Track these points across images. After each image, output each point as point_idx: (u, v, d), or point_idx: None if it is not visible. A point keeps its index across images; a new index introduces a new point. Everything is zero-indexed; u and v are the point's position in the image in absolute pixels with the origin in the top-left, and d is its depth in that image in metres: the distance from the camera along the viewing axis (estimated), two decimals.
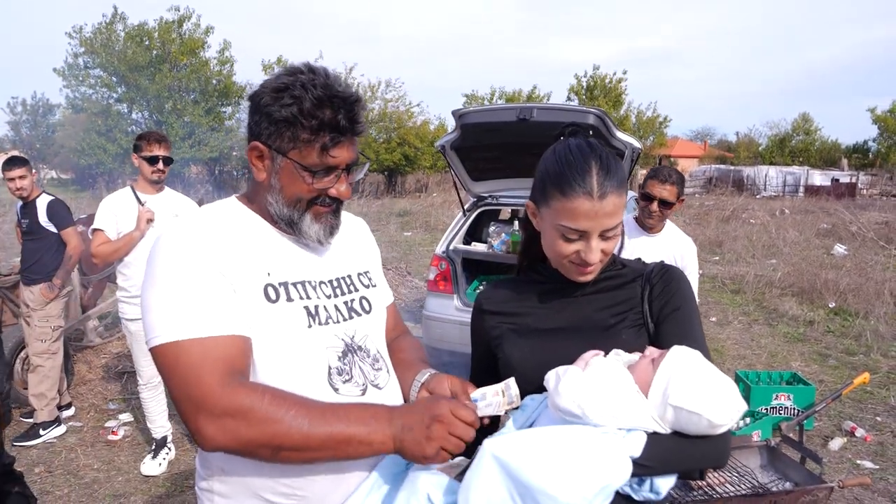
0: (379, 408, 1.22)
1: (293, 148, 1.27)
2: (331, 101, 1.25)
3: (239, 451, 1.17)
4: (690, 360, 1.21)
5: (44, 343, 4.68)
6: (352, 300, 1.42)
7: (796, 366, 6.18)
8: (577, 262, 1.32)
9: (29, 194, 4.61)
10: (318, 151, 1.26)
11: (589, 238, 1.29)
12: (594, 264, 1.32)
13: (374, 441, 1.17)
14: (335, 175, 1.31)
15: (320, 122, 1.24)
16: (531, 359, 1.37)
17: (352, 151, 1.32)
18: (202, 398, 1.14)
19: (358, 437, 1.17)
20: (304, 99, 1.23)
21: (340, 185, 1.33)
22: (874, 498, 3.80)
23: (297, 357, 1.28)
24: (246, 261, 1.27)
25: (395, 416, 1.19)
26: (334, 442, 1.16)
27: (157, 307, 1.20)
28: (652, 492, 1.23)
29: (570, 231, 1.29)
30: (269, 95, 1.26)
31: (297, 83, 1.24)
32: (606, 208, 1.27)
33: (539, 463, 1.12)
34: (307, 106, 1.23)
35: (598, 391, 1.19)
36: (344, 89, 1.28)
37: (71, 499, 3.89)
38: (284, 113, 1.24)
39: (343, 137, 1.28)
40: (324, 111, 1.24)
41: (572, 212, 1.27)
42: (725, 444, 1.21)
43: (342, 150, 1.29)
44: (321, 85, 1.25)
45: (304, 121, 1.24)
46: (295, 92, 1.24)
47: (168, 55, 30.63)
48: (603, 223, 1.28)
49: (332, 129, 1.25)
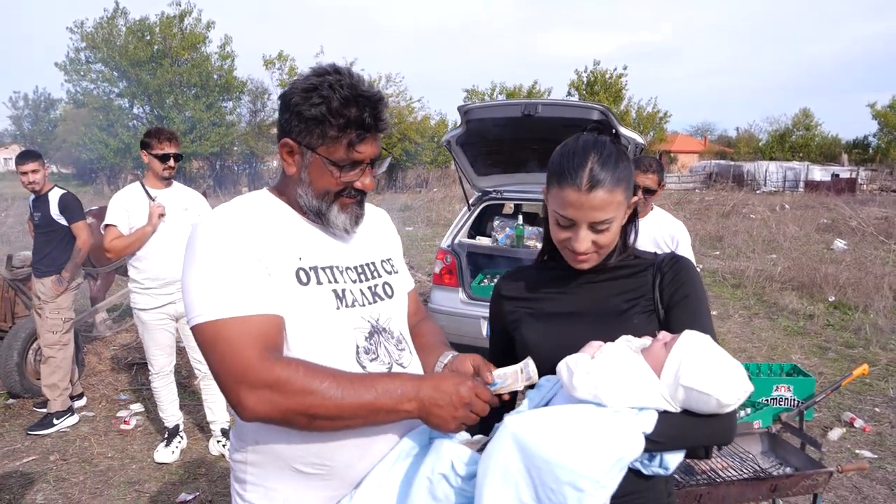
0: (406, 378, 1.30)
1: (322, 144, 1.35)
2: (356, 100, 1.33)
3: (277, 421, 1.25)
4: (701, 343, 1.28)
5: (55, 334, 4.76)
6: (375, 285, 1.50)
7: (796, 358, 6.26)
8: (570, 249, 1.41)
9: (41, 188, 4.68)
10: (345, 147, 1.35)
11: (577, 228, 1.38)
12: (582, 253, 1.40)
13: (401, 410, 1.26)
14: (360, 169, 1.40)
15: (347, 120, 1.32)
16: (547, 341, 1.45)
17: (375, 147, 1.40)
18: (242, 371, 1.22)
19: (387, 406, 1.25)
20: (332, 98, 1.31)
21: (365, 178, 1.41)
22: (873, 486, 3.89)
23: (328, 337, 1.36)
24: (279, 246, 1.35)
25: (422, 388, 1.28)
26: (365, 410, 1.24)
27: (199, 288, 1.28)
28: (661, 467, 1.31)
29: (561, 218, 1.39)
30: (299, 95, 1.34)
31: (325, 84, 1.32)
32: (593, 202, 1.35)
33: (557, 439, 1.19)
34: (335, 105, 1.31)
35: (611, 375, 1.27)
36: (368, 89, 1.36)
37: (87, 486, 3.97)
38: (314, 112, 1.32)
39: (368, 134, 1.36)
40: (350, 110, 1.32)
41: (562, 200, 1.37)
42: (732, 423, 1.29)
43: (367, 145, 1.37)
44: (347, 85, 1.33)
45: (332, 119, 1.32)
46: (323, 92, 1.32)
47: (169, 50, 30.67)
48: (589, 215, 1.36)
49: (358, 127, 1.34)
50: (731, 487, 2.49)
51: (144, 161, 4.09)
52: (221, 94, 32.54)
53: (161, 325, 4.15)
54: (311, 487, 1.37)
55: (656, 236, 3.55)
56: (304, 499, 1.38)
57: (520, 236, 5.93)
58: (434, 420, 1.28)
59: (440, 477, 1.29)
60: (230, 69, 32.73)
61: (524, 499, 1.19)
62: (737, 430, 1.34)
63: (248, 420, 1.26)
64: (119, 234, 4.02)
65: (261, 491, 1.40)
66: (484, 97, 40.01)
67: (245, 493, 1.42)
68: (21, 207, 20.17)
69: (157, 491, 3.91)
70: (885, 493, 3.80)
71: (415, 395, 1.27)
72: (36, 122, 41.66)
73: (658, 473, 1.33)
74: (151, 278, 4.07)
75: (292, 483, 1.38)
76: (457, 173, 5.87)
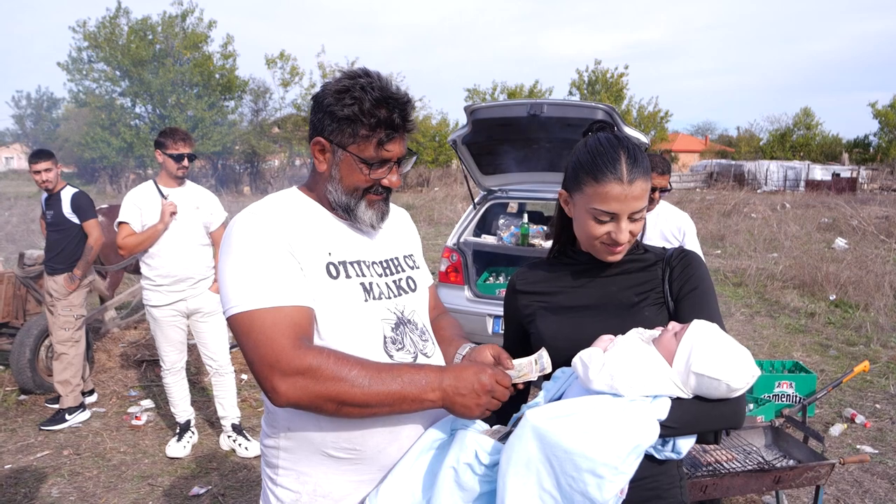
0: (430, 369, 1.36)
1: (353, 142, 1.42)
2: (387, 101, 1.40)
3: (307, 406, 1.31)
4: (710, 331, 1.35)
5: (67, 331, 4.83)
6: (399, 279, 1.56)
7: (798, 356, 6.32)
8: (607, 243, 1.47)
9: (54, 186, 4.74)
10: (375, 146, 1.42)
11: (619, 220, 1.44)
12: (623, 244, 1.46)
13: (425, 399, 1.32)
14: (388, 167, 1.47)
15: (378, 120, 1.39)
16: (562, 334, 1.51)
17: (402, 146, 1.47)
18: (276, 359, 1.29)
19: (412, 395, 1.31)
20: (364, 100, 1.38)
21: (392, 176, 1.48)
22: (874, 480, 3.95)
23: (357, 327, 1.43)
24: (310, 242, 1.42)
25: (445, 377, 1.34)
26: (391, 398, 1.30)
27: (234, 281, 1.35)
28: (674, 451, 1.38)
29: (602, 214, 1.44)
30: (331, 96, 1.41)
31: (356, 86, 1.39)
32: (635, 192, 1.42)
33: (575, 429, 1.25)
34: (367, 106, 1.38)
35: (625, 366, 1.33)
36: (397, 91, 1.43)
37: (101, 480, 4.04)
38: (346, 112, 1.39)
39: (396, 134, 1.43)
40: (381, 111, 1.39)
41: (604, 195, 1.42)
42: (741, 406, 1.36)
43: (395, 144, 1.44)
44: (378, 87, 1.40)
45: (364, 119, 1.39)
46: (355, 93, 1.39)
47: (171, 49, 30.72)
48: (631, 206, 1.43)
49: (387, 127, 1.41)
50: (735, 479, 2.56)
51: (159, 160, 4.16)
52: (223, 93, 32.58)
53: (173, 321, 4.21)
54: (342, 472, 1.44)
55: (663, 229, 3.70)
56: (334, 482, 1.44)
57: (525, 235, 5.99)
58: (458, 408, 1.34)
59: (465, 466, 1.35)
60: (232, 68, 32.77)
61: (546, 486, 1.25)
62: (745, 413, 1.40)
63: (281, 405, 1.32)
64: (132, 232, 4.08)
65: (292, 475, 1.46)
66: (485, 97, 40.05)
67: (277, 478, 1.48)
68: (24, 206, 20.28)
69: (169, 485, 3.98)
70: (886, 487, 3.86)
71: (438, 385, 1.33)
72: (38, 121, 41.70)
73: (671, 458, 1.40)
74: (163, 275, 4.13)
75: (323, 467, 1.44)
76: (462, 172, 5.93)
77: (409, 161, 1.53)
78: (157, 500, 3.81)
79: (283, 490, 1.48)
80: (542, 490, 1.25)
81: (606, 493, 1.21)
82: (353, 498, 1.45)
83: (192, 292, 4.19)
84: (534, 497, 1.25)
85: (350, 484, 1.45)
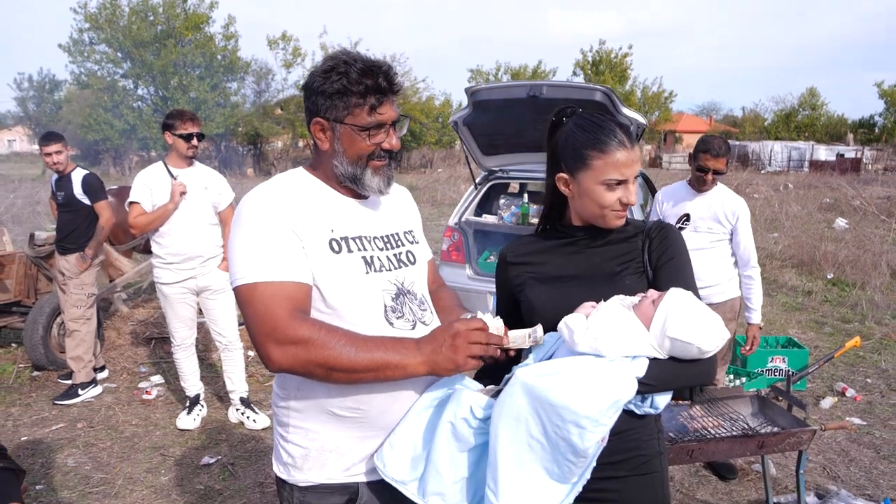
0: (409, 340, 1.48)
1: (347, 114, 1.53)
2: (370, 69, 1.52)
3: (298, 372, 1.45)
4: (684, 299, 1.47)
5: (79, 309, 4.97)
6: (400, 253, 1.68)
7: (793, 333, 6.44)
8: (617, 209, 1.60)
9: (64, 168, 4.86)
10: (368, 111, 1.53)
11: (627, 183, 1.58)
12: (632, 204, 1.60)
13: (407, 365, 1.43)
14: (385, 131, 1.57)
15: (366, 87, 1.51)
16: (550, 302, 1.63)
17: (394, 110, 1.58)
18: (272, 328, 1.41)
19: (394, 363, 1.43)
20: (350, 72, 1.50)
21: (391, 139, 1.59)
22: (860, 450, 4.09)
23: (359, 297, 1.55)
24: (314, 219, 1.54)
25: (421, 344, 1.45)
26: (375, 365, 1.42)
27: (241, 255, 1.48)
28: (651, 407, 1.51)
29: (613, 182, 1.56)
30: (319, 77, 1.53)
31: (340, 62, 1.51)
32: (636, 155, 1.58)
33: (562, 385, 1.38)
34: (353, 76, 1.50)
35: (607, 329, 1.45)
36: (378, 59, 1.55)
37: (114, 450, 4.20)
38: (336, 86, 1.51)
39: (385, 98, 1.54)
40: (367, 79, 1.51)
41: (613, 164, 1.56)
42: (712, 366, 1.48)
43: (387, 107, 1.55)
44: (360, 59, 1.52)
45: (353, 88, 1.50)
46: (340, 69, 1.51)
47: (173, 30, 30.64)
48: (635, 169, 1.59)
49: (376, 91, 1.52)
50: (720, 444, 2.69)
51: (168, 142, 4.26)
52: (226, 74, 32.55)
53: (182, 298, 4.34)
54: (347, 430, 1.57)
55: (717, 211, 3.70)
56: (340, 439, 1.57)
57: (525, 214, 6.10)
58: (442, 364, 1.42)
59: (462, 421, 1.47)
60: (234, 49, 32.72)
61: (534, 434, 1.39)
62: (716, 372, 1.53)
63: (274, 371, 1.46)
64: (142, 211, 4.20)
65: (301, 433, 1.59)
66: (489, 77, 39.92)
67: (287, 435, 1.62)
68: (28, 188, 20.39)
69: (180, 455, 4.14)
70: (871, 456, 4.00)
71: (418, 351, 1.43)
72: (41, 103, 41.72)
73: (649, 413, 1.53)
74: (173, 254, 4.26)
75: (329, 426, 1.57)
76: (463, 153, 6.02)
77: (404, 124, 1.64)
78: (169, 469, 3.97)
79: (293, 446, 1.61)
80: (531, 438, 1.38)
81: (587, 441, 1.34)
82: (356, 453, 1.58)
83: (202, 270, 4.32)
84: (523, 444, 1.39)
85: (354, 440, 1.57)
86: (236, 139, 34.29)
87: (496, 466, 1.40)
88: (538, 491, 1.40)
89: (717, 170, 3.63)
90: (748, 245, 3.73)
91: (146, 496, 3.66)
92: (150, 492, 3.71)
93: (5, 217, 14.02)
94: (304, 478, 1.59)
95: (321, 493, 1.59)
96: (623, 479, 1.55)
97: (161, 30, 30.63)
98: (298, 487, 1.61)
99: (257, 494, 3.67)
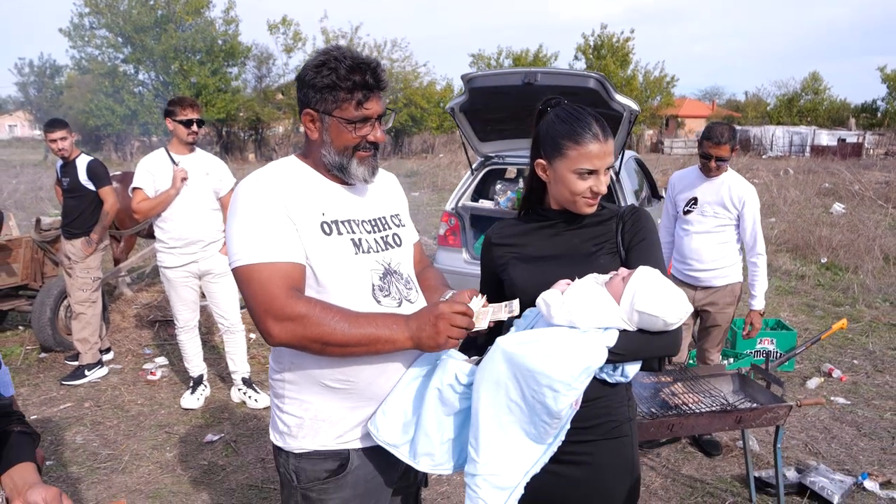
0: (398, 316, 1.60)
1: (336, 107, 1.63)
2: (359, 66, 1.62)
3: (296, 346, 1.57)
4: (651, 276, 1.58)
5: (85, 292, 5.09)
6: (386, 235, 1.79)
7: (784, 316, 6.56)
8: (588, 196, 1.71)
9: (69, 154, 4.96)
10: (355, 106, 1.63)
11: (598, 174, 1.69)
12: (602, 194, 1.71)
13: (396, 340, 1.56)
14: (370, 124, 1.68)
15: (354, 83, 1.61)
16: (531, 280, 1.74)
17: (380, 105, 1.68)
18: (270, 306, 1.53)
19: (384, 337, 1.55)
20: (340, 68, 1.60)
21: (376, 132, 1.70)
22: (842, 428, 4.22)
23: (349, 277, 1.66)
24: (306, 203, 1.64)
25: (409, 321, 1.57)
26: (366, 340, 1.54)
27: (238, 238, 1.58)
28: (622, 375, 1.64)
29: (585, 172, 1.68)
30: (311, 71, 1.63)
31: (330, 58, 1.61)
32: (609, 147, 1.69)
33: (538, 353, 1.50)
34: (342, 73, 1.60)
35: (581, 303, 1.57)
36: (367, 57, 1.65)
37: (121, 428, 4.35)
38: (326, 81, 1.61)
39: (372, 93, 1.65)
40: (355, 75, 1.61)
41: (587, 154, 1.67)
42: (677, 338, 1.60)
43: (373, 103, 1.65)
44: (349, 56, 1.62)
45: (342, 83, 1.60)
46: (331, 64, 1.61)
47: (173, 15, 30.53)
48: (607, 161, 1.69)
49: (363, 88, 1.62)
50: (700, 418, 2.82)
51: (169, 128, 4.36)
52: (226, 59, 32.44)
53: (185, 282, 4.47)
54: (338, 400, 1.69)
55: (724, 196, 3.81)
56: (331, 408, 1.69)
57: (520, 199, 6.20)
58: (426, 341, 1.54)
59: (448, 387, 1.60)
60: (234, 34, 32.59)
61: (513, 397, 1.52)
62: (680, 344, 1.65)
63: (274, 345, 1.58)
64: (145, 197, 4.31)
65: (296, 403, 1.71)
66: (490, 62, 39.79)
67: (283, 406, 1.74)
68: (30, 174, 20.49)
69: (185, 433, 4.28)
70: (853, 434, 4.14)
71: (405, 327, 1.56)
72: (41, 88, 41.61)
73: (620, 381, 1.66)
74: (176, 238, 4.37)
75: (322, 397, 1.69)
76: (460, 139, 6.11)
77: (389, 118, 1.75)
78: (174, 446, 4.11)
79: (288, 416, 1.73)
80: (510, 401, 1.51)
81: (561, 404, 1.46)
82: (347, 422, 1.70)
83: (204, 254, 4.44)
84: (503, 407, 1.51)
85: (344, 410, 1.69)
86: (237, 124, 34.29)
87: (478, 426, 1.53)
88: (516, 449, 1.53)
89: (719, 156, 3.74)
90: (754, 231, 3.81)
91: (152, 471, 3.81)
92: (156, 467, 3.85)
93: (9, 202, 14.14)
94: (299, 445, 1.71)
95: (314, 459, 1.71)
96: (595, 442, 1.67)
97: (161, 14, 30.52)
98: (294, 454, 1.72)
99: (259, 469, 3.81)
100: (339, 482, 1.70)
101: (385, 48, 34.18)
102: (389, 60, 33.64)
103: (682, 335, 1.65)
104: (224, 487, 3.62)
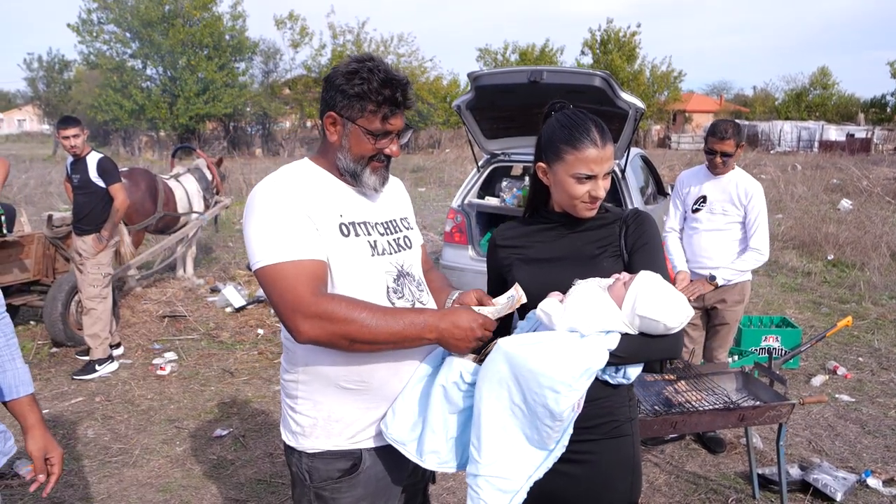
0: (429, 312, 1.64)
1: (361, 116, 1.66)
2: (391, 82, 1.65)
3: (325, 343, 1.59)
4: (652, 281, 1.61)
5: (96, 288, 5.16)
6: (398, 238, 1.83)
7: (790, 313, 6.57)
8: (587, 201, 1.74)
9: (81, 151, 5.02)
10: (380, 119, 1.67)
11: (596, 179, 1.72)
12: (600, 199, 1.74)
13: (424, 337, 1.60)
14: (390, 138, 1.72)
15: (384, 98, 1.64)
16: (535, 281, 1.78)
17: (402, 121, 1.73)
18: (298, 304, 1.55)
19: (413, 335, 1.59)
20: (372, 80, 1.63)
21: (393, 146, 1.74)
22: (846, 425, 4.24)
23: (365, 278, 1.69)
24: (324, 205, 1.68)
25: (442, 321, 1.61)
26: (395, 337, 1.57)
27: (259, 239, 1.60)
28: (624, 377, 1.67)
29: (583, 177, 1.71)
30: (342, 77, 1.66)
31: (364, 68, 1.64)
32: (607, 154, 1.71)
33: (539, 354, 1.54)
34: (374, 85, 1.63)
35: (583, 308, 1.60)
36: (398, 74, 1.68)
37: (131, 423, 4.41)
38: (356, 90, 1.64)
39: (398, 110, 1.69)
40: (386, 90, 1.64)
41: (584, 160, 1.69)
42: (678, 341, 1.63)
43: (397, 119, 1.69)
44: (383, 70, 1.65)
45: (372, 96, 1.64)
46: (364, 74, 1.63)
47: (180, 10, 30.59)
48: (605, 166, 1.71)
49: (391, 104, 1.66)
50: (703, 416, 2.85)
51: None
52: (234, 54, 32.51)
53: None
54: (352, 400, 1.72)
55: (731, 193, 3.84)
56: (344, 408, 1.73)
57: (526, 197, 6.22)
58: (451, 345, 1.62)
59: (452, 385, 1.64)
60: (242, 29, 32.65)
61: (514, 399, 1.55)
62: (682, 347, 1.68)
63: (303, 343, 1.59)
64: None
65: (309, 404, 1.74)
66: (496, 57, 39.69)
67: (296, 406, 1.77)
68: (40, 169, 20.58)
69: (195, 427, 4.34)
70: (857, 431, 4.16)
71: (435, 327, 1.60)
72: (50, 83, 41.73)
73: (622, 383, 1.70)
74: None
75: (335, 397, 1.72)
76: (467, 136, 6.14)
77: (407, 134, 1.78)
78: (184, 440, 4.17)
79: (301, 416, 1.76)
80: (513, 404, 1.55)
81: (562, 405, 1.49)
82: (360, 422, 1.74)
83: None
84: (506, 409, 1.55)
85: (358, 410, 1.73)
86: (244, 119, 34.33)
87: (479, 425, 1.56)
88: (518, 453, 1.56)
89: (724, 152, 3.77)
90: (757, 226, 3.81)
91: (162, 465, 3.87)
92: (166, 461, 3.91)
93: (18, 197, 14.21)
94: (312, 445, 1.75)
95: (327, 459, 1.74)
96: (597, 441, 1.71)
97: (169, 9, 30.58)
98: (306, 454, 1.76)
99: (267, 464, 3.87)
100: (352, 481, 1.74)
101: (392, 43, 34.18)
102: (396, 55, 33.63)
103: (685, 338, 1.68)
104: (233, 481, 3.68)
